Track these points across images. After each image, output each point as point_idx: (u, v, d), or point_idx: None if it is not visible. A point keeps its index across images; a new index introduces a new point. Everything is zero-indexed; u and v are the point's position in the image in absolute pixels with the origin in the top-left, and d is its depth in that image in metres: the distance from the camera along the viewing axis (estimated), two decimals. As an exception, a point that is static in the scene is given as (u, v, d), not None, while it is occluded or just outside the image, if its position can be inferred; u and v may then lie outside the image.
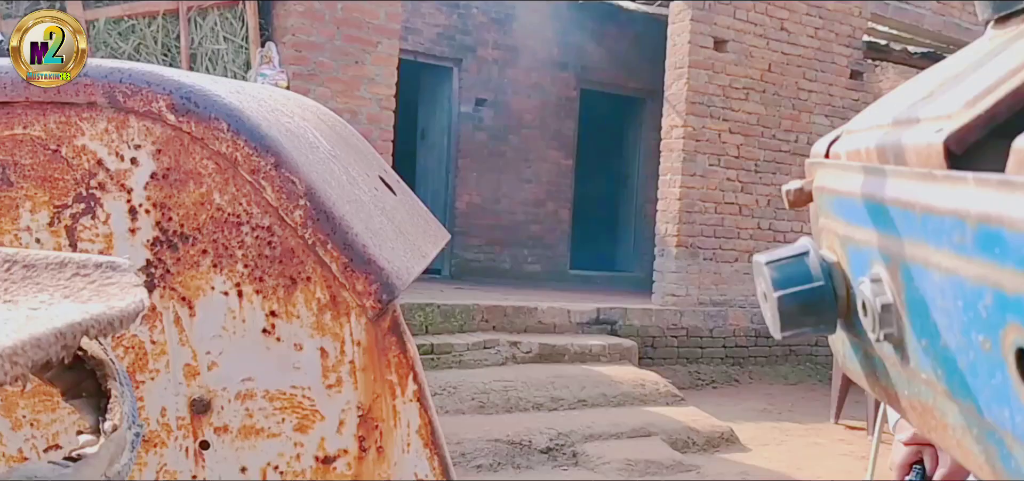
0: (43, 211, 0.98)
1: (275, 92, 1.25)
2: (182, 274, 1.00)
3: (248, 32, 7.02)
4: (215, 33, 7.02)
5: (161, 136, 0.98)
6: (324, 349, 1.02)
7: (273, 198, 0.99)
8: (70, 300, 0.64)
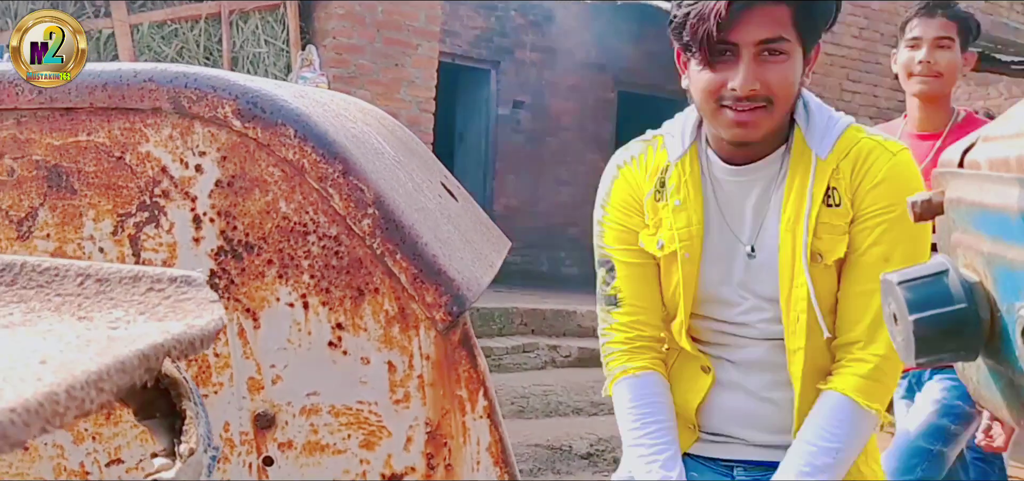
0: (107, 219, 0.96)
1: (335, 96, 1.22)
2: (247, 285, 0.97)
3: (289, 35, 7.04)
4: (256, 36, 7.05)
5: (226, 142, 0.95)
6: (392, 363, 0.99)
7: (341, 206, 0.95)
8: (145, 317, 0.61)
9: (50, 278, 0.64)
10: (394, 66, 7.19)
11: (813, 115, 1.57)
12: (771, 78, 1.42)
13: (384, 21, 7.13)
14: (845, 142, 1.54)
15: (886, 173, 1.51)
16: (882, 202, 1.51)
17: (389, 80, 7.19)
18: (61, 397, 0.41)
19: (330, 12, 6.88)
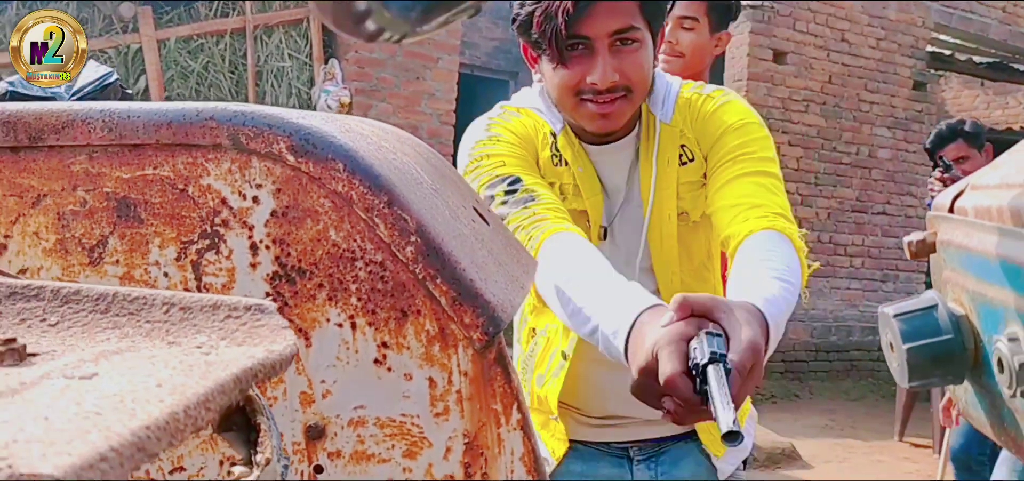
0: (171, 246, 1.04)
1: (375, 126, 1.30)
2: (299, 307, 1.05)
3: (312, 49, 7.16)
4: (280, 51, 7.18)
5: (281, 176, 1.03)
6: (432, 379, 1.06)
7: (386, 235, 1.03)
8: (226, 342, 0.69)
9: (139, 306, 0.72)
10: (415, 79, 7.31)
11: (655, 85, 1.60)
12: (627, 68, 1.45)
13: (406, 35, 7.24)
14: (682, 102, 1.59)
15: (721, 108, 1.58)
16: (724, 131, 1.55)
17: (410, 93, 7.31)
18: (181, 416, 0.49)
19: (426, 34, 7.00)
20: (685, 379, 1.00)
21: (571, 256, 1.41)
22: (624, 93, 1.47)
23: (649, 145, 1.57)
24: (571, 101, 1.49)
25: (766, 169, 1.47)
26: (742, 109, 1.59)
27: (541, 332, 1.68)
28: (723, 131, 1.54)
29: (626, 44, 1.45)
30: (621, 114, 1.50)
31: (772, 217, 1.34)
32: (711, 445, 1.67)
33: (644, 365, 1.08)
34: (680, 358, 1.00)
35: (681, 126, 1.57)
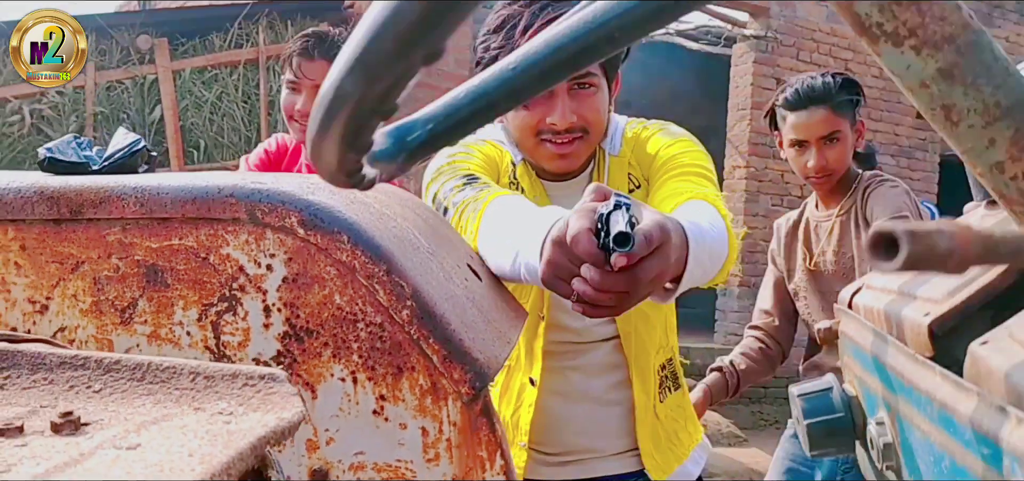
0: (193, 309, 1.17)
1: (379, 191, 1.43)
2: (306, 363, 1.18)
3: (323, 80, 7.30)
4: (292, 81, 7.33)
5: (292, 246, 1.16)
6: (425, 428, 1.18)
7: (385, 300, 1.16)
8: (243, 408, 0.81)
9: (169, 375, 0.85)
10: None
11: (607, 127, 1.68)
12: (585, 111, 1.54)
13: (415, 67, 7.39)
14: (630, 136, 1.69)
15: (657, 134, 1.66)
16: (657, 151, 1.63)
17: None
18: (209, 482, 0.61)
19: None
20: (590, 235, 1.00)
21: (507, 206, 1.46)
22: (581, 134, 1.56)
23: (600, 178, 1.66)
24: (531, 141, 1.58)
25: (697, 171, 1.56)
26: (676, 132, 1.68)
27: None
28: (657, 151, 1.64)
29: (583, 88, 1.53)
30: (578, 155, 1.59)
31: (704, 197, 1.42)
32: (653, 471, 1.72)
33: (556, 235, 1.09)
34: (587, 216, 1.02)
35: (628, 157, 1.66)
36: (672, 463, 1.75)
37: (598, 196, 1.06)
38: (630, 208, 0.95)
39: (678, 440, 1.76)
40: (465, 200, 1.54)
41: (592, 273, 0.98)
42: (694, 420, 1.85)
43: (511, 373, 1.73)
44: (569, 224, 1.06)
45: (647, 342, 1.69)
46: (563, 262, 1.08)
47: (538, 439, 1.71)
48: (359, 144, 0.62)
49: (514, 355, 1.71)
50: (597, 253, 0.96)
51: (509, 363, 1.73)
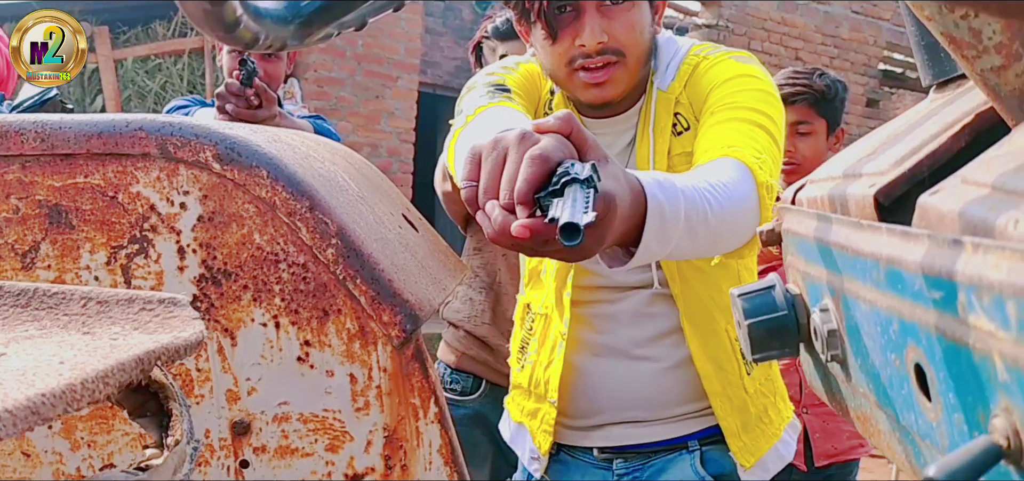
0: (101, 251, 1.09)
1: (307, 138, 1.36)
2: (225, 307, 1.10)
3: (271, 69, 7.17)
4: (239, 70, 7.19)
5: (207, 183, 1.08)
6: (353, 375, 1.12)
7: (308, 238, 1.09)
8: (139, 332, 0.74)
9: (58, 301, 0.77)
10: (374, 98, 7.35)
11: (660, 53, 1.48)
12: (617, 29, 1.35)
13: (364, 54, 7.29)
14: (685, 68, 1.45)
15: (717, 65, 1.42)
16: (712, 88, 1.39)
17: (369, 112, 7.35)
18: (77, 388, 0.54)
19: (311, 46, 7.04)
20: (536, 176, 0.77)
21: (496, 116, 1.29)
22: (616, 58, 1.36)
23: (647, 116, 1.45)
24: (564, 71, 1.38)
25: (750, 117, 1.31)
26: (739, 65, 1.42)
27: (536, 310, 1.57)
28: (712, 88, 1.39)
29: (616, 3, 1.34)
30: (616, 82, 1.37)
31: (739, 153, 1.20)
32: (740, 454, 1.50)
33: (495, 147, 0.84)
34: (544, 160, 0.78)
35: (677, 92, 1.44)
36: (762, 445, 1.53)
37: (564, 126, 0.82)
38: (597, 191, 0.74)
39: (768, 419, 1.53)
40: (476, 107, 1.34)
41: (497, 216, 0.77)
42: (784, 396, 1.62)
43: (548, 324, 1.54)
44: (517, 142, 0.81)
45: (707, 301, 1.46)
46: (489, 178, 0.83)
47: (564, 398, 1.53)
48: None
49: (550, 304, 1.52)
50: (530, 200, 0.75)
51: (545, 312, 1.54)
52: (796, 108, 2.50)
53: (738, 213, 1.11)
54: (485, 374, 2.33)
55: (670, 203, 0.94)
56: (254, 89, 2.07)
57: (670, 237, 0.96)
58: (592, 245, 0.80)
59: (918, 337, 0.44)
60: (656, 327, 1.47)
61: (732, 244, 1.17)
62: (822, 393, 0.67)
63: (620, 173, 0.86)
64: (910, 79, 10.33)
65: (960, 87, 0.66)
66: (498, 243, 0.79)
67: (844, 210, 0.58)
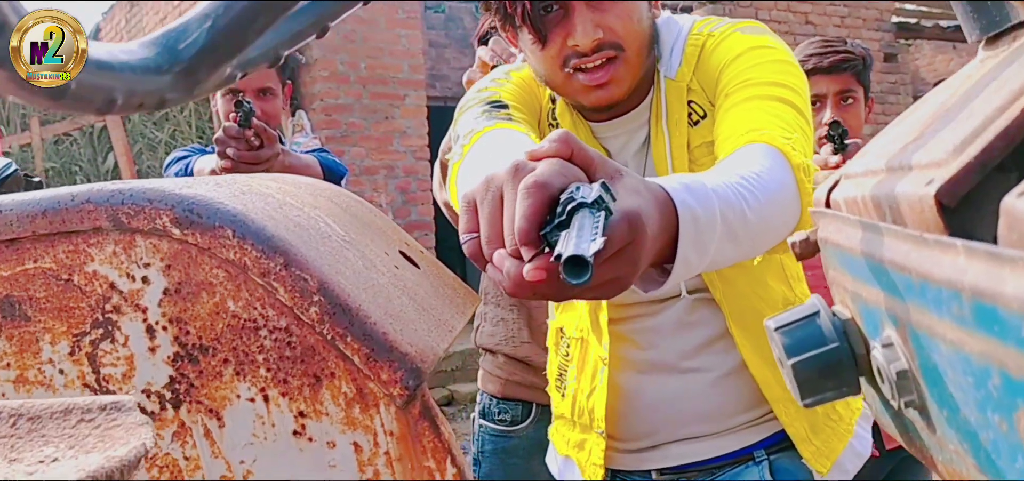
0: (63, 341, 0.98)
1: (285, 182, 1.25)
2: (206, 386, 0.99)
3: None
4: (246, 110, 7.14)
5: (169, 251, 0.97)
6: (357, 443, 1.00)
7: (286, 298, 0.98)
8: (74, 451, 0.63)
9: (-16, 422, 0.66)
10: (384, 119, 7.27)
11: (662, 37, 1.34)
12: (612, 21, 1.22)
13: (368, 77, 7.22)
14: (691, 49, 1.32)
15: (724, 42, 1.29)
16: (724, 67, 1.26)
17: (381, 134, 7.27)
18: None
19: (314, 75, 6.98)
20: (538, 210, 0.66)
21: (496, 141, 1.18)
22: (614, 53, 1.23)
23: (659, 109, 1.31)
24: (560, 76, 1.26)
25: (771, 93, 1.18)
26: (748, 37, 1.29)
27: (571, 334, 1.45)
28: (723, 66, 1.26)
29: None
30: (618, 80, 1.24)
31: (767, 137, 1.08)
32: (813, 460, 1.38)
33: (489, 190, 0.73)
34: (543, 189, 0.67)
35: (688, 79, 1.30)
36: (836, 445, 1.40)
37: (563, 148, 0.71)
38: (610, 212, 0.63)
39: (838, 415, 1.40)
40: (472, 133, 1.23)
41: (509, 267, 0.67)
42: None
43: (585, 348, 1.41)
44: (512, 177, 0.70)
45: (754, 300, 1.34)
46: (489, 226, 0.73)
47: (614, 423, 1.39)
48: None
49: (585, 327, 1.39)
50: (534, 239, 0.64)
51: (581, 336, 1.41)
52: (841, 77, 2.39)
53: (777, 205, 1.00)
54: (534, 398, 2.18)
55: (703, 207, 0.84)
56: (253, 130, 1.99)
57: (708, 246, 0.85)
58: (626, 273, 0.70)
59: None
60: (702, 335, 1.36)
61: (775, 240, 1.06)
62: (898, 436, 0.55)
63: (640, 185, 0.75)
64: (926, 28, 10.09)
65: (1019, 40, 0.53)
66: (517, 296, 0.69)
67: (896, 216, 0.45)
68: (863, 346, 0.52)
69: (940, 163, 0.42)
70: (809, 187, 1.06)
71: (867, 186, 0.49)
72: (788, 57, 1.27)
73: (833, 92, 2.37)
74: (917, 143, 0.47)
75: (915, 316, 0.42)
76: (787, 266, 1.40)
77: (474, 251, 0.74)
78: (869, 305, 0.49)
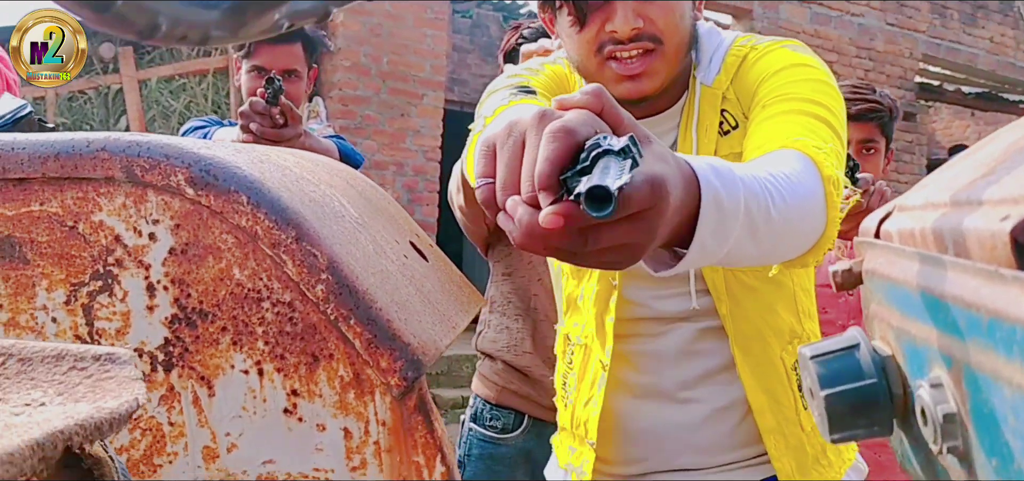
0: (60, 289, 0.96)
1: (304, 158, 1.22)
2: (201, 352, 0.97)
3: (295, 88, 7.10)
4: (263, 89, 7.12)
5: (180, 210, 0.95)
6: (348, 429, 0.98)
7: (294, 272, 0.95)
8: (63, 398, 0.60)
9: (-28, 358, 0.64)
10: (400, 116, 7.25)
11: (702, 45, 1.34)
12: (654, 13, 1.21)
13: (389, 72, 7.19)
14: (731, 60, 1.32)
15: (766, 56, 1.29)
16: (763, 81, 1.25)
17: (395, 130, 7.25)
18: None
19: (336, 64, 6.96)
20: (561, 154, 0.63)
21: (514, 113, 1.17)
22: (652, 45, 1.22)
23: (690, 114, 1.31)
24: (593, 61, 1.24)
25: (808, 110, 1.17)
26: (792, 54, 1.28)
27: (576, 341, 1.42)
28: (762, 80, 1.26)
29: None
30: (652, 73, 1.23)
31: (801, 144, 1.06)
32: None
33: (512, 132, 0.70)
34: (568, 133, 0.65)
35: (724, 88, 1.30)
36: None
37: (594, 102, 0.69)
38: (637, 162, 0.60)
39: (828, 461, 1.38)
40: (497, 108, 1.21)
41: (522, 213, 0.63)
42: None
43: (587, 355, 1.39)
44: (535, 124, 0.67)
45: (760, 325, 1.32)
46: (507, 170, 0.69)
47: (605, 442, 1.37)
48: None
49: (590, 332, 1.37)
50: (554, 183, 0.61)
51: (586, 342, 1.38)
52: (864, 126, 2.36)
53: (803, 210, 0.97)
54: (527, 409, 2.16)
55: (729, 192, 0.80)
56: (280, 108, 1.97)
57: (728, 234, 0.82)
58: (641, 240, 0.66)
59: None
60: (704, 365, 1.33)
61: (795, 248, 1.02)
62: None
63: (668, 154, 0.71)
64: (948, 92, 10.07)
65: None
66: (527, 248, 0.65)
67: (961, 251, 0.42)
68: (901, 386, 0.49)
69: (1017, 199, 0.39)
70: (837, 201, 1.04)
71: (928, 219, 0.47)
72: (829, 79, 1.25)
73: (856, 140, 2.35)
74: (988, 179, 0.44)
75: (975, 356, 0.39)
76: (800, 299, 1.37)
77: (487, 197, 0.69)
78: (917, 343, 0.46)
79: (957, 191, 0.47)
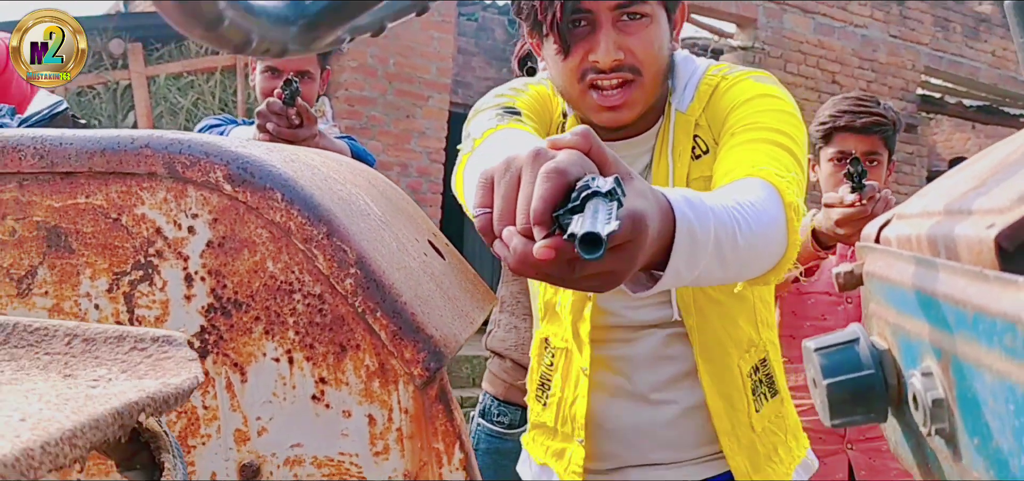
0: (103, 278, 1.01)
1: (329, 158, 1.28)
2: (235, 341, 1.02)
3: (302, 87, 7.15)
4: (270, 88, 7.18)
5: (217, 205, 1.00)
6: (372, 416, 1.03)
7: (325, 266, 1.00)
8: (127, 375, 0.65)
9: (40, 338, 0.69)
10: (405, 117, 7.31)
11: (678, 72, 1.41)
12: (634, 45, 1.28)
13: (396, 73, 7.26)
14: (705, 88, 1.39)
15: (736, 86, 1.36)
16: (732, 109, 1.32)
17: (400, 131, 7.31)
18: (36, 452, 0.46)
19: (342, 64, 7.02)
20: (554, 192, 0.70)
21: (505, 139, 1.22)
22: (632, 76, 1.29)
23: (665, 138, 1.38)
24: (576, 89, 1.31)
25: (772, 138, 1.24)
26: (758, 86, 1.36)
27: (556, 345, 1.50)
28: (731, 109, 1.33)
29: (633, 18, 1.27)
30: (631, 104, 1.30)
31: (764, 173, 1.13)
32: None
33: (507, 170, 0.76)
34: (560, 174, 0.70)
35: (697, 114, 1.37)
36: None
37: (582, 142, 0.75)
38: (621, 204, 0.67)
39: (779, 457, 1.48)
40: (484, 130, 1.27)
41: (517, 243, 0.70)
42: (797, 432, 1.55)
43: (569, 359, 1.48)
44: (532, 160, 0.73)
45: (722, 336, 1.41)
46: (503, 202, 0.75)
47: (589, 439, 1.46)
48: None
49: (568, 337, 1.46)
50: (548, 219, 0.68)
51: (567, 347, 1.47)
52: (868, 138, 2.40)
53: (767, 236, 1.06)
54: None
55: (700, 223, 0.89)
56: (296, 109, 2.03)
57: (699, 260, 0.90)
58: (622, 268, 0.74)
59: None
60: (673, 369, 1.43)
61: (759, 269, 1.11)
62: (912, 467, 0.57)
63: (647, 190, 0.80)
64: (949, 105, 10.13)
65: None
66: (520, 273, 0.73)
67: (952, 255, 0.48)
68: (896, 377, 0.55)
69: (1002, 210, 0.44)
70: (796, 225, 1.13)
71: (923, 226, 0.52)
72: (792, 109, 1.34)
73: (859, 152, 2.39)
74: (979, 190, 0.49)
75: (962, 347, 0.44)
76: (759, 310, 1.48)
77: (484, 225, 0.77)
78: (911, 337, 0.51)
79: (951, 201, 0.53)
